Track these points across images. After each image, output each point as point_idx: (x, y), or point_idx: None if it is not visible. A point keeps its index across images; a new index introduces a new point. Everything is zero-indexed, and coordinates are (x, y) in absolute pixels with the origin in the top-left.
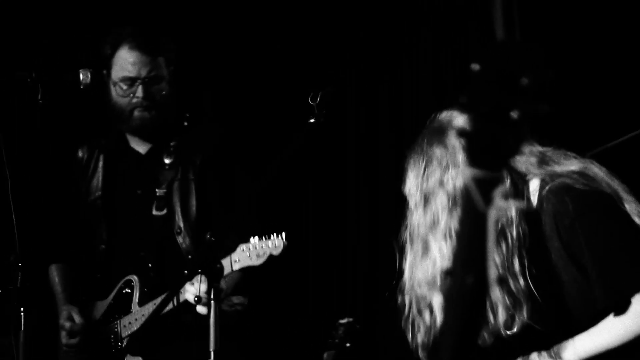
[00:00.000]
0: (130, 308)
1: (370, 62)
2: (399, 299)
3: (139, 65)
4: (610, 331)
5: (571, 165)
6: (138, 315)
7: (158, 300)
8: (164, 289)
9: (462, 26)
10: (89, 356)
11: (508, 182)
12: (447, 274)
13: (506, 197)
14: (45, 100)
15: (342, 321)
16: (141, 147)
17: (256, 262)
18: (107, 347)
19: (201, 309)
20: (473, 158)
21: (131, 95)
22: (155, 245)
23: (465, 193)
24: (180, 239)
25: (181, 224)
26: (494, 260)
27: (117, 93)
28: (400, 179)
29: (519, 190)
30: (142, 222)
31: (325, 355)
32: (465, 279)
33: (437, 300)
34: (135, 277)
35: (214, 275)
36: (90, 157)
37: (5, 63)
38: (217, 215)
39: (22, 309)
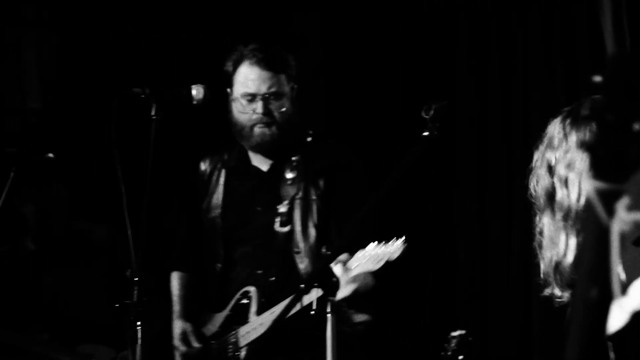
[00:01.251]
0: (248, 318)
1: (479, 74)
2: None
3: (259, 82)
4: None
5: None
6: (256, 324)
7: (276, 310)
8: (281, 300)
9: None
10: None
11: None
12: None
13: (629, 209)
14: (159, 116)
15: (455, 333)
16: (263, 164)
17: (374, 267)
18: (225, 358)
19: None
20: (597, 170)
21: (251, 111)
22: (276, 261)
23: (588, 206)
24: (298, 259)
25: (301, 245)
26: (618, 273)
27: (238, 109)
28: (508, 189)
29: None
30: (264, 238)
31: None
32: (589, 292)
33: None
34: (253, 288)
35: (329, 288)
36: (212, 172)
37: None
38: (337, 235)
39: (138, 323)
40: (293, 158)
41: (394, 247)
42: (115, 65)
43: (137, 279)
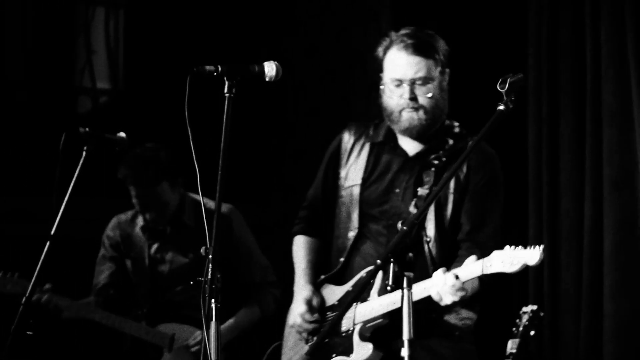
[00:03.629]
0: (369, 296)
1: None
2: None
3: (406, 66)
4: None
5: None
6: (375, 304)
7: (398, 294)
8: (410, 263)
9: None
10: (318, 337)
11: None
12: None
13: None
14: (232, 94)
15: (526, 309)
16: (411, 148)
17: (509, 269)
18: (337, 331)
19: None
20: None
21: (399, 96)
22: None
23: None
24: (427, 247)
25: (431, 233)
26: None
27: (387, 94)
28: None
29: None
30: (397, 219)
31: (509, 343)
32: None
33: None
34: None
35: (405, 264)
36: (355, 143)
37: (190, 59)
38: (461, 232)
39: (212, 300)
40: (446, 146)
41: (533, 254)
42: (185, 43)
43: (211, 256)
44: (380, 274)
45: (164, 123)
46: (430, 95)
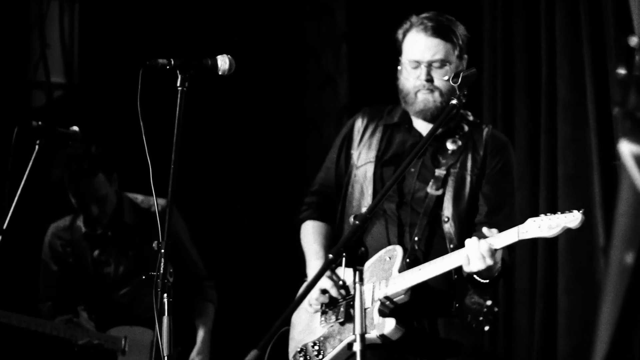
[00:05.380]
0: (390, 272)
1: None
2: None
3: (424, 48)
4: None
5: None
6: (398, 280)
7: (422, 268)
8: (362, 257)
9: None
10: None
11: None
12: (605, 252)
13: None
14: (184, 88)
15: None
16: (425, 129)
17: (547, 233)
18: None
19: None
20: (635, 135)
21: (415, 77)
22: (422, 222)
23: (626, 170)
24: (447, 227)
25: (448, 212)
26: None
27: (404, 75)
28: (533, 158)
29: None
30: (413, 198)
31: None
32: (625, 257)
33: None
34: (399, 247)
35: (356, 258)
36: (368, 125)
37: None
38: (479, 214)
39: (165, 295)
40: (460, 132)
41: (575, 216)
42: (139, 36)
43: (163, 250)
44: (400, 251)
45: (118, 117)
46: (446, 78)
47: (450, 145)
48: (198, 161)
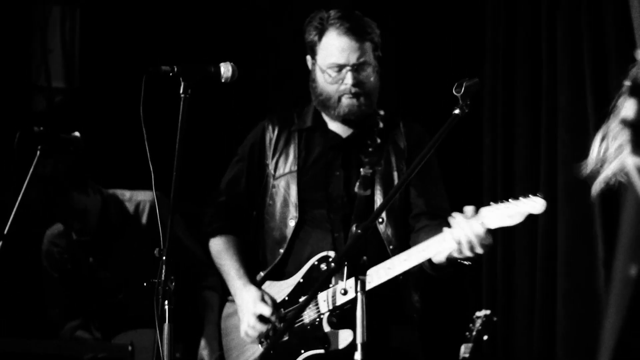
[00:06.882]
0: (330, 283)
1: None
2: None
3: (348, 52)
4: None
5: None
6: (339, 288)
7: (392, 266)
8: (364, 266)
9: (598, 16)
10: (274, 336)
11: None
12: (605, 264)
13: None
14: (187, 94)
15: (479, 314)
16: (342, 131)
17: (509, 222)
18: (302, 327)
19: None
20: (637, 146)
21: (340, 81)
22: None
23: (629, 182)
24: (382, 228)
25: (382, 213)
26: None
27: (326, 80)
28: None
29: None
30: (342, 201)
31: (462, 348)
32: (628, 268)
33: None
34: (333, 252)
35: (359, 267)
36: (280, 133)
37: (148, 59)
38: (416, 206)
39: (166, 302)
40: (376, 129)
41: (536, 202)
42: (141, 41)
43: (164, 257)
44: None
45: (118, 122)
46: (371, 79)
47: (371, 142)
48: (198, 163)
